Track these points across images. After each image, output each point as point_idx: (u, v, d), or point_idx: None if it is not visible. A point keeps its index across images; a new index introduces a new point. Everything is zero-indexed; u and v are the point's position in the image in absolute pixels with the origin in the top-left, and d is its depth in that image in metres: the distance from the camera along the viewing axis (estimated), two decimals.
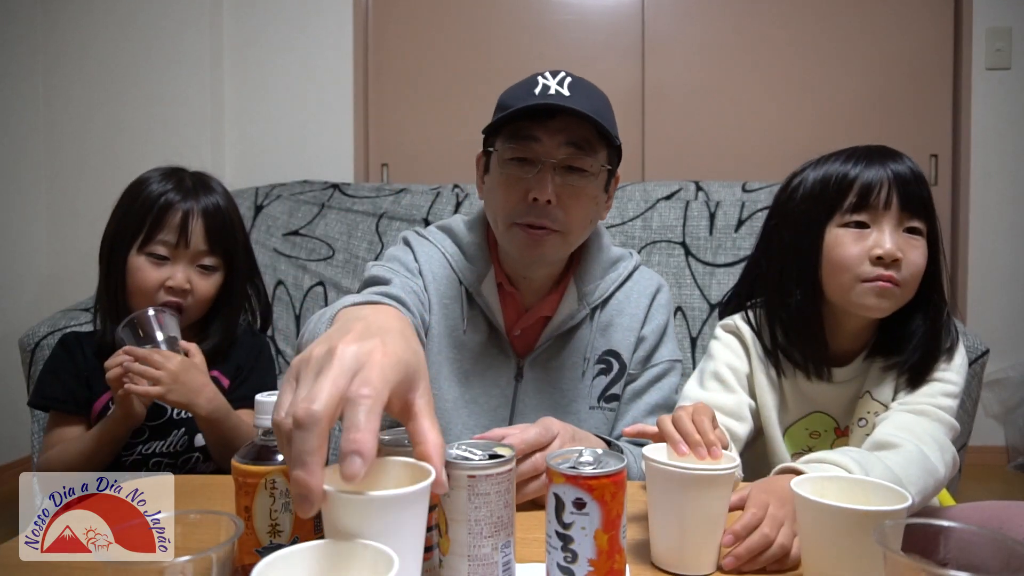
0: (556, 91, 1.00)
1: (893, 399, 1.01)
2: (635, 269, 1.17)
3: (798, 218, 1.03)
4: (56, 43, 2.87)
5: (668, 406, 1.13)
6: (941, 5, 2.81)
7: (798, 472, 0.81)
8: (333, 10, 2.92)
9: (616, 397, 1.13)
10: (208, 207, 1.18)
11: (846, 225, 0.98)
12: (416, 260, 1.12)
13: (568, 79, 1.02)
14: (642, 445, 1.09)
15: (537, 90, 1.00)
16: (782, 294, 1.04)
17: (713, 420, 0.77)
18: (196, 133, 2.84)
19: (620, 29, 2.89)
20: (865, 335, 1.04)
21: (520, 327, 1.11)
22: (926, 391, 0.98)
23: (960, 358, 1.01)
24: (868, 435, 0.98)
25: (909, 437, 0.90)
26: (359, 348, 0.53)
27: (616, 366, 1.12)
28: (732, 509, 0.73)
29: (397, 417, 0.57)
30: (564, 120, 0.99)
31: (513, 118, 1.00)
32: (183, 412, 1.18)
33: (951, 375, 0.99)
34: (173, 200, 1.16)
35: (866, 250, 0.95)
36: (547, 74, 1.03)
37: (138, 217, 1.16)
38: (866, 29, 2.82)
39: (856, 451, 0.88)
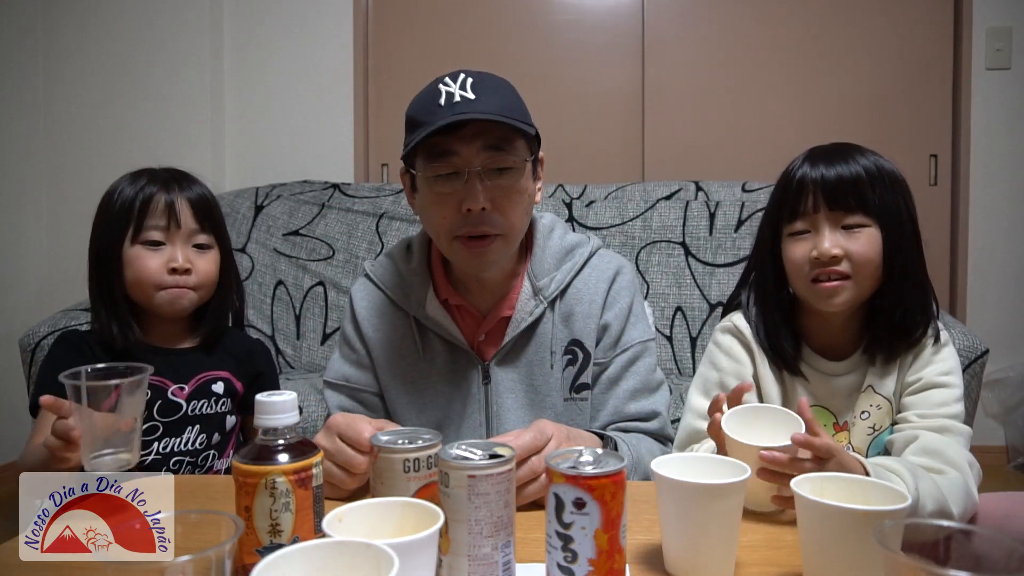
0: (461, 96, 0.99)
1: (895, 392, 1.05)
2: (592, 255, 1.16)
3: (764, 222, 1.11)
4: (56, 43, 2.87)
5: (648, 388, 1.13)
6: (941, 5, 2.80)
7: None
8: (333, 10, 2.92)
9: (586, 386, 1.12)
10: (191, 192, 1.20)
11: (792, 234, 1.05)
12: (356, 320, 1.15)
13: (470, 80, 1.01)
14: (631, 431, 1.10)
15: (442, 100, 0.99)
16: (760, 294, 1.11)
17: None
18: (196, 133, 2.84)
19: (620, 29, 2.89)
20: (853, 328, 1.07)
21: (483, 332, 1.12)
22: (938, 399, 1.01)
23: (953, 360, 1.05)
24: (871, 427, 1.04)
25: (948, 467, 0.93)
26: None
27: (581, 355, 1.12)
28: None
29: None
30: (476, 125, 0.98)
31: (425, 136, 0.99)
32: (198, 408, 1.18)
33: (952, 379, 1.03)
34: (153, 191, 1.17)
35: (807, 253, 1.02)
36: (447, 79, 1.02)
37: (123, 214, 1.16)
38: (866, 29, 2.82)
39: (909, 463, 0.91)
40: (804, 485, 0.67)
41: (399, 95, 2.98)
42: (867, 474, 0.86)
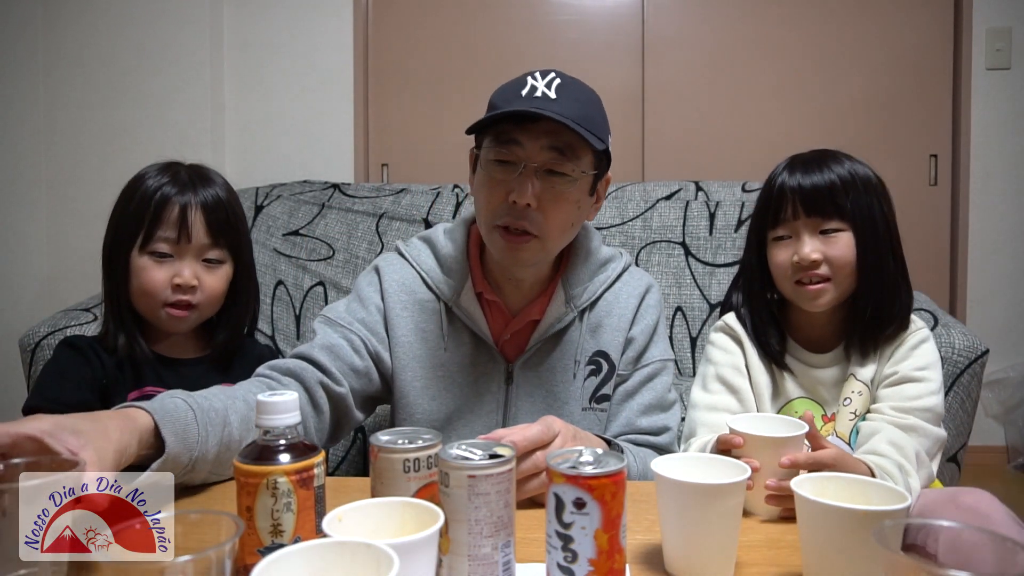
0: (543, 93, 0.99)
1: (873, 380, 1.10)
2: (624, 270, 1.17)
3: (751, 227, 1.18)
4: (56, 43, 2.87)
5: (662, 406, 1.15)
6: (941, 5, 2.81)
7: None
8: (333, 10, 2.92)
9: (607, 397, 1.13)
10: (207, 199, 1.14)
11: (776, 239, 1.11)
12: (382, 291, 1.13)
13: (557, 80, 1.01)
14: (641, 444, 1.11)
15: (524, 91, 1.00)
16: (747, 293, 1.17)
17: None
18: (196, 133, 2.84)
19: (620, 29, 2.89)
20: (835, 323, 1.13)
21: (509, 332, 1.11)
22: (911, 393, 1.05)
23: (931, 356, 1.09)
24: (852, 412, 1.09)
25: (903, 462, 0.98)
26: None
27: (605, 367, 1.13)
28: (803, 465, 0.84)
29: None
30: (547, 124, 0.98)
31: (496, 120, 1.00)
32: None
33: (928, 373, 1.07)
34: (169, 194, 1.12)
35: (789, 258, 1.09)
36: (537, 74, 1.02)
37: (136, 216, 1.12)
38: (866, 29, 2.82)
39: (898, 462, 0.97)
40: (804, 485, 0.67)
41: (399, 95, 2.98)
42: (872, 474, 0.91)
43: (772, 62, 2.85)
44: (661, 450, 1.13)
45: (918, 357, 1.08)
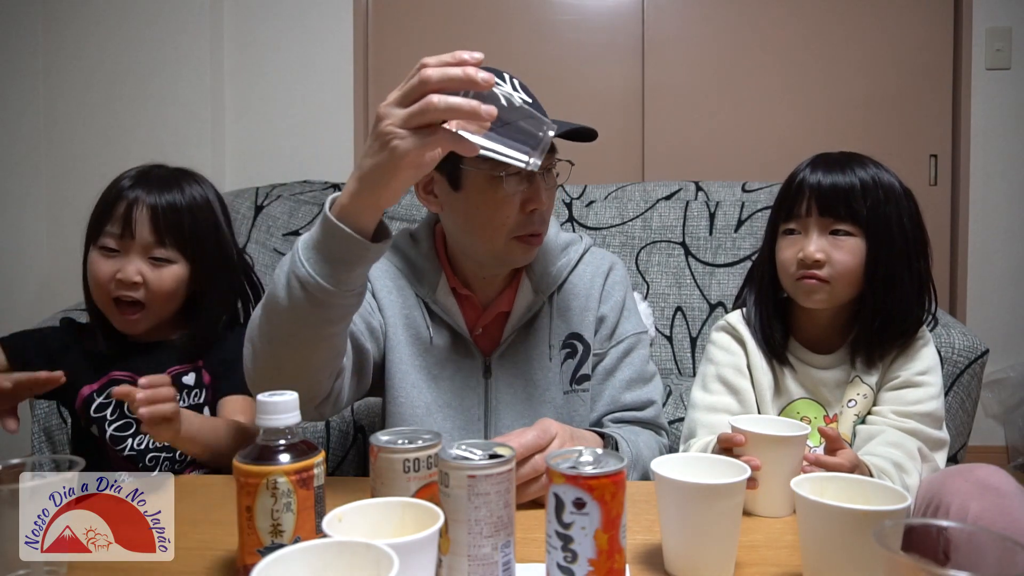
0: (522, 100, 1.01)
1: (877, 382, 1.10)
2: (586, 251, 1.19)
3: (768, 220, 1.17)
4: (56, 43, 2.87)
5: (643, 378, 1.16)
6: (941, 5, 2.80)
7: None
8: (333, 10, 2.92)
9: (587, 377, 1.14)
10: (159, 199, 1.13)
11: (786, 233, 1.11)
12: (368, 277, 1.10)
13: (517, 80, 1.04)
14: (629, 421, 1.11)
15: (515, 101, 1.01)
16: (757, 287, 1.17)
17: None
18: (196, 133, 2.84)
19: (620, 29, 2.89)
20: (839, 325, 1.12)
21: (481, 325, 1.13)
22: (911, 398, 1.06)
23: (931, 359, 1.10)
24: (856, 415, 1.09)
25: (903, 460, 1.00)
26: None
27: (581, 348, 1.14)
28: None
29: None
30: None
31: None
32: None
33: (928, 377, 1.08)
34: (121, 190, 1.13)
35: (795, 254, 1.08)
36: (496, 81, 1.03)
37: (95, 212, 1.16)
38: (866, 29, 2.81)
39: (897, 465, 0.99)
40: (804, 485, 0.67)
41: None
42: (870, 475, 0.92)
43: (772, 62, 2.84)
44: (648, 425, 1.14)
45: (919, 361, 1.08)
